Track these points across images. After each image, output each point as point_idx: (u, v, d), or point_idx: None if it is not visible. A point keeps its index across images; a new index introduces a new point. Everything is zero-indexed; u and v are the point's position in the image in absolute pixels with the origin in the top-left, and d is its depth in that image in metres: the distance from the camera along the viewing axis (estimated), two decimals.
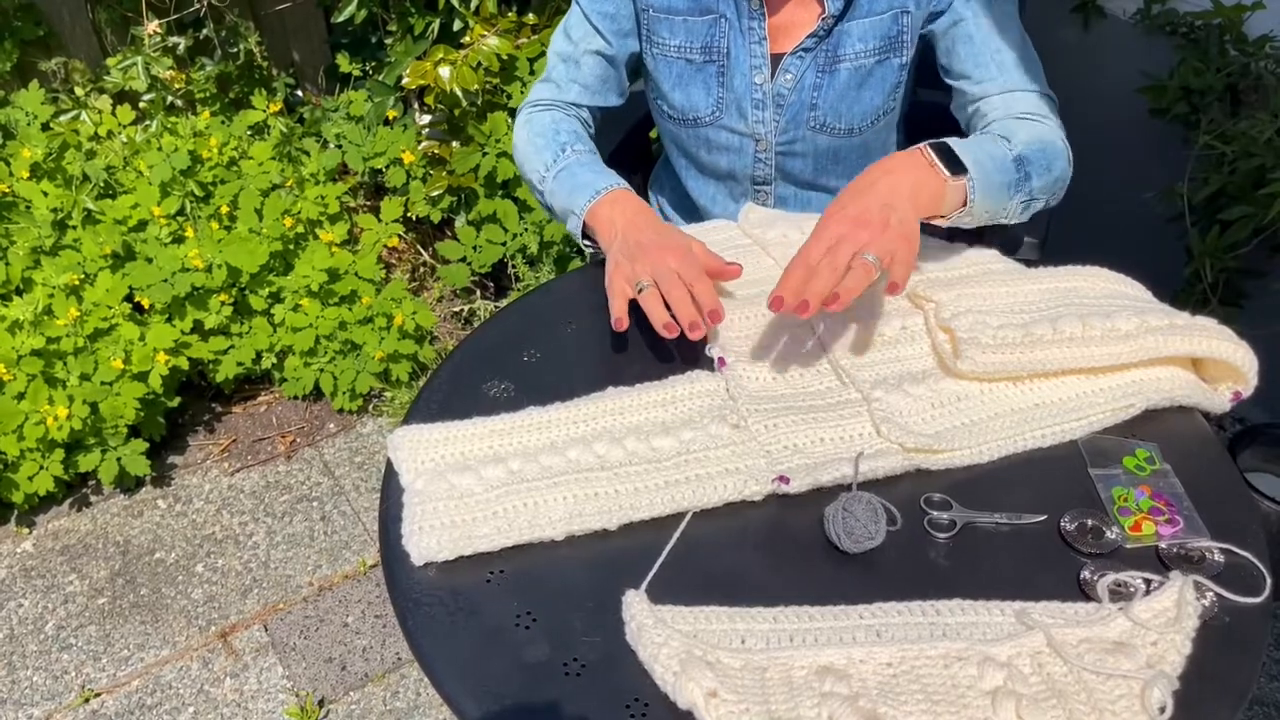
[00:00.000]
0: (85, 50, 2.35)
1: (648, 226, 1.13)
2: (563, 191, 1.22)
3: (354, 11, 2.29)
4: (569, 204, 1.20)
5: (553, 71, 1.33)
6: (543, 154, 1.27)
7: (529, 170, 1.29)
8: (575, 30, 1.30)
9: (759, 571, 0.86)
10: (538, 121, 1.31)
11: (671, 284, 1.05)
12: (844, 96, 1.25)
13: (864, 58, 1.23)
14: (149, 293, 1.99)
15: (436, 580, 0.85)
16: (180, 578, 1.91)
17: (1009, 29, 1.20)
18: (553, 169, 1.24)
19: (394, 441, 0.94)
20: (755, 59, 1.24)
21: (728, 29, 1.24)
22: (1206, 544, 0.87)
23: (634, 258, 1.08)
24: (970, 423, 0.97)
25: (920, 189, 1.01)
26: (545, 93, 1.34)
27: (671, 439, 0.95)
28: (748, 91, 1.26)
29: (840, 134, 1.28)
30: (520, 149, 1.32)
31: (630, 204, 1.17)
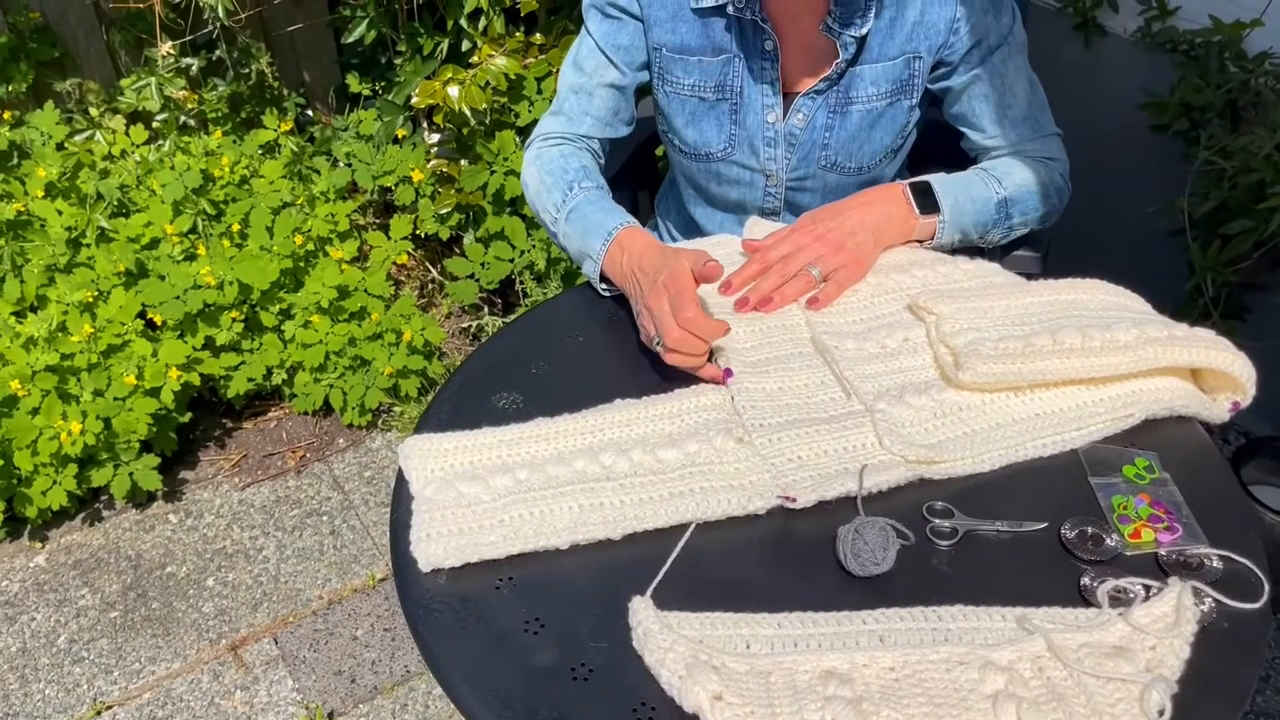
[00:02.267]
0: (100, 71, 2.38)
1: (643, 270, 1.11)
2: (575, 234, 1.21)
3: (364, 32, 2.33)
4: (584, 247, 1.20)
5: (564, 104, 1.32)
6: (552, 194, 1.26)
7: (541, 212, 1.29)
8: (587, 62, 1.30)
9: (764, 579, 0.87)
10: (547, 159, 1.30)
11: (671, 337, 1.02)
12: (855, 137, 1.27)
13: (876, 100, 1.25)
14: (161, 309, 2.02)
15: (446, 587, 0.87)
16: (191, 591, 1.92)
17: (1019, 83, 1.26)
18: (563, 210, 1.24)
19: (404, 450, 0.96)
20: (768, 98, 1.26)
21: (741, 68, 1.25)
22: (1205, 551, 0.88)
23: (640, 314, 1.10)
24: (972, 433, 0.99)
25: (888, 223, 1.18)
26: (556, 126, 1.33)
27: (677, 451, 0.97)
28: (760, 130, 1.28)
29: (850, 172, 1.31)
30: (532, 189, 1.31)
31: (633, 246, 1.15)
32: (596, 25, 1.28)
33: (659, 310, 1.04)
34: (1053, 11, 2.15)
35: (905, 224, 1.18)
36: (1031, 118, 1.28)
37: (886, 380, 1.04)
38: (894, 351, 1.07)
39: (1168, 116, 1.97)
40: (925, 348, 1.08)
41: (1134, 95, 2.05)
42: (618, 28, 1.27)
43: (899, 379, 1.04)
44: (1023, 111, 1.27)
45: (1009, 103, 1.26)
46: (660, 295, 1.04)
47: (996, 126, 1.27)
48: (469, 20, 2.23)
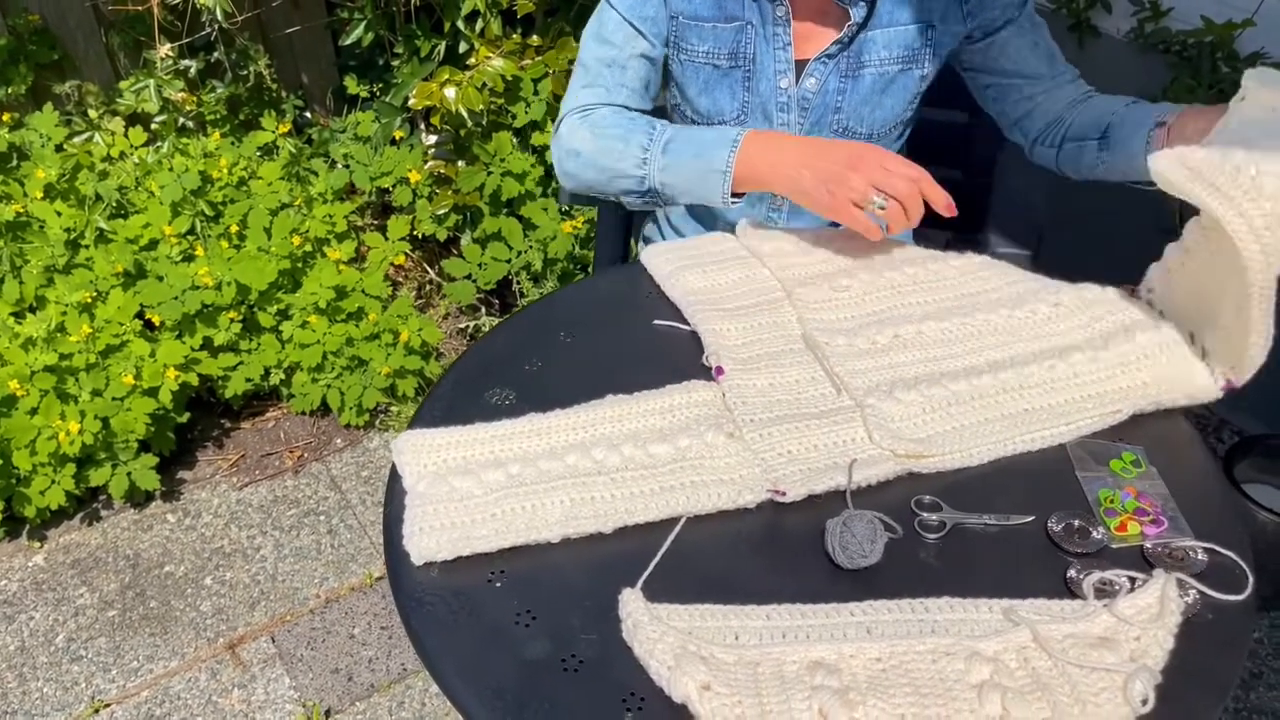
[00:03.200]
0: (99, 73, 2.40)
1: (824, 148, 1.13)
2: (683, 160, 1.20)
3: (361, 34, 2.34)
4: (700, 167, 1.18)
5: (597, 78, 1.32)
6: (631, 138, 1.24)
7: (614, 160, 1.25)
8: (615, 35, 1.30)
9: (753, 572, 0.88)
10: (598, 118, 1.28)
11: (907, 195, 1.08)
12: (867, 101, 1.30)
13: (887, 65, 1.28)
14: (160, 310, 2.03)
15: (439, 581, 0.87)
16: (189, 590, 1.93)
17: (1043, 26, 1.34)
18: (654, 145, 1.22)
19: (398, 445, 0.97)
20: (780, 64, 1.28)
21: (754, 35, 1.27)
22: (1190, 543, 0.89)
23: (845, 179, 1.09)
24: (961, 427, 1.00)
25: None
26: (592, 97, 1.31)
27: (668, 446, 0.97)
28: (773, 95, 1.30)
29: (861, 138, 1.33)
30: (589, 147, 1.27)
31: (779, 138, 1.18)
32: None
33: (894, 164, 1.08)
34: (1047, 13, 2.16)
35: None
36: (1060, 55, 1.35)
37: (876, 376, 1.05)
38: (884, 347, 1.08)
39: None
40: (915, 344, 1.09)
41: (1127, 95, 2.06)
42: (642, 1, 1.28)
43: (889, 374, 1.05)
44: (1057, 51, 1.34)
45: (1051, 45, 1.34)
46: (893, 157, 1.10)
47: (1054, 67, 1.33)
48: (466, 22, 2.24)
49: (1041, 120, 1.35)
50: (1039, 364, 1.05)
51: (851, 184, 1.09)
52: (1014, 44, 1.31)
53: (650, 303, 1.20)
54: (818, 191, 1.12)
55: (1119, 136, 1.23)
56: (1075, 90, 1.34)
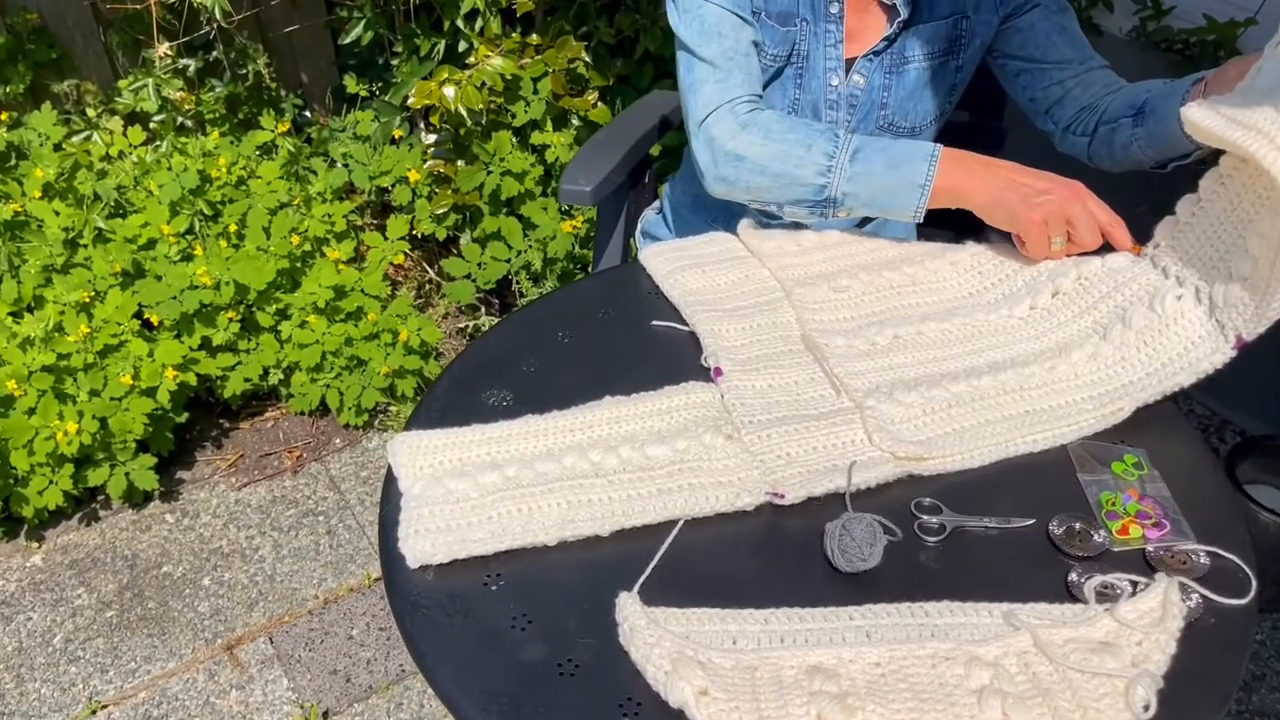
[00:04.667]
0: (97, 72, 2.39)
1: (1030, 172, 1.13)
2: (875, 170, 1.15)
3: (361, 33, 2.33)
4: (896, 179, 1.14)
5: (732, 66, 1.24)
6: (814, 143, 1.17)
7: (794, 165, 1.17)
8: (723, 26, 1.23)
9: (751, 575, 0.87)
10: (765, 120, 1.20)
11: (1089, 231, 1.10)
12: (911, 96, 1.33)
13: (929, 59, 1.31)
14: (158, 310, 2.02)
15: (435, 583, 0.87)
16: (187, 591, 1.93)
17: (1069, 9, 1.34)
18: (842, 154, 1.16)
19: (393, 447, 0.96)
20: (831, 62, 1.30)
21: (807, 32, 1.28)
22: (1192, 547, 0.88)
23: (1051, 194, 1.10)
24: (961, 429, 0.99)
25: None
26: (736, 90, 1.23)
27: (666, 448, 0.97)
28: (822, 93, 1.32)
29: (904, 132, 1.35)
30: (760, 151, 1.19)
31: (976, 157, 1.16)
32: None
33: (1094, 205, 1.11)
34: None
35: None
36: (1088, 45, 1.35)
37: (876, 377, 1.04)
38: (884, 349, 1.08)
39: None
40: (915, 345, 1.08)
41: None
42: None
43: (889, 376, 1.04)
44: (1086, 40, 1.34)
45: (1078, 32, 1.33)
46: (1087, 196, 1.12)
47: (1081, 51, 1.33)
48: (466, 21, 2.24)
49: (1073, 107, 1.33)
50: (1040, 364, 1.04)
51: (1051, 201, 1.10)
52: (1041, 27, 1.31)
53: (649, 303, 1.19)
54: (1020, 205, 1.11)
55: (1155, 106, 1.20)
56: (1106, 77, 1.32)
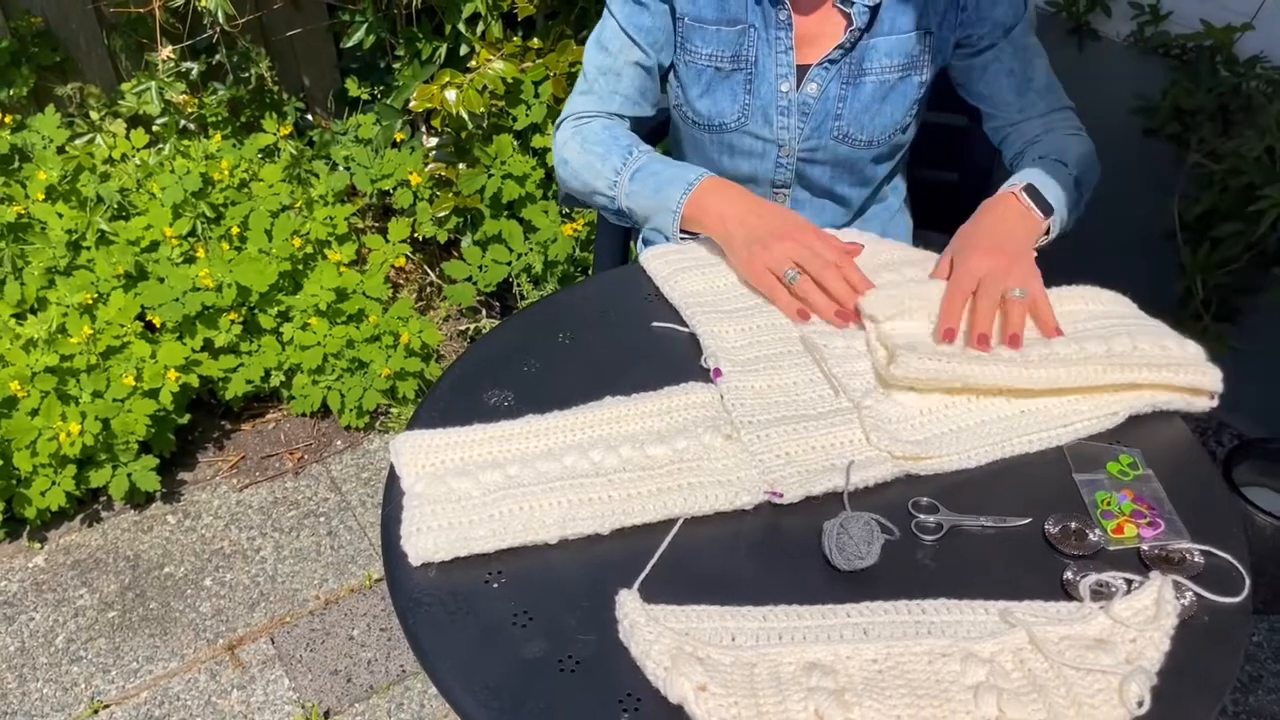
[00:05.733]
0: (101, 75, 2.40)
1: (764, 209, 1.18)
2: (645, 191, 1.24)
3: (363, 37, 2.34)
4: (657, 201, 1.23)
5: (594, 84, 1.35)
6: (608, 159, 1.28)
7: (592, 177, 1.30)
8: (612, 43, 1.33)
9: (750, 573, 0.88)
10: (589, 131, 1.32)
11: (823, 267, 1.11)
12: (867, 109, 1.31)
13: (888, 72, 1.29)
14: (160, 312, 2.03)
15: (436, 581, 0.88)
16: (189, 591, 1.93)
17: (1036, 56, 1.32)
18: (625, 170, 1.26)
19: (396, 446, 0.97)
20: (781, 68, 1.29)
21: (756, 38, 1.28)
22: (1187, 546, 0.89)
23: (768, 245, 1.13)
24: (958, 429, 1.00)
25: (1029, 231, 1.16)
26: (587, 105, 1.35)
27: (665, 447, 0.97)
28: (773, 99, 1.31)
29: (860, 145, 1.33)
30: (575, 159, 1.32)
31: (730, 190, 1.21)
32: (619, 8, 1.31)
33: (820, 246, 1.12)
34: (1046, 16, 2.16)
35: (1035, 230, 1.17)
36: (1052, 87, 1.34)
37: (873, 377, 1.05)
38: None
39: (1159, 120, 1.99)
40: None
41: (1126, 99, 2.06)
42: (640, 10, 1.30)
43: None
44: (1044, 82, 1.33)
45: (1030, 75, 1.32)
46: (823, 238, 1.14)
47: (1022, 99, 1.32)
48: (467, 25, 2.25)
49: (1009, 151, 1.36)
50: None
51: (771, 251, 1.13)
52: (992, 68, 1.31)
53: (649, 304, 1.20)
54: (742, 250, 1.16)
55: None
56: (1041, 126, 1.32)
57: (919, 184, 1.55)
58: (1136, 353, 1.02)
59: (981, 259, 1.09)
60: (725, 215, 1.18)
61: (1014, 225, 1.16)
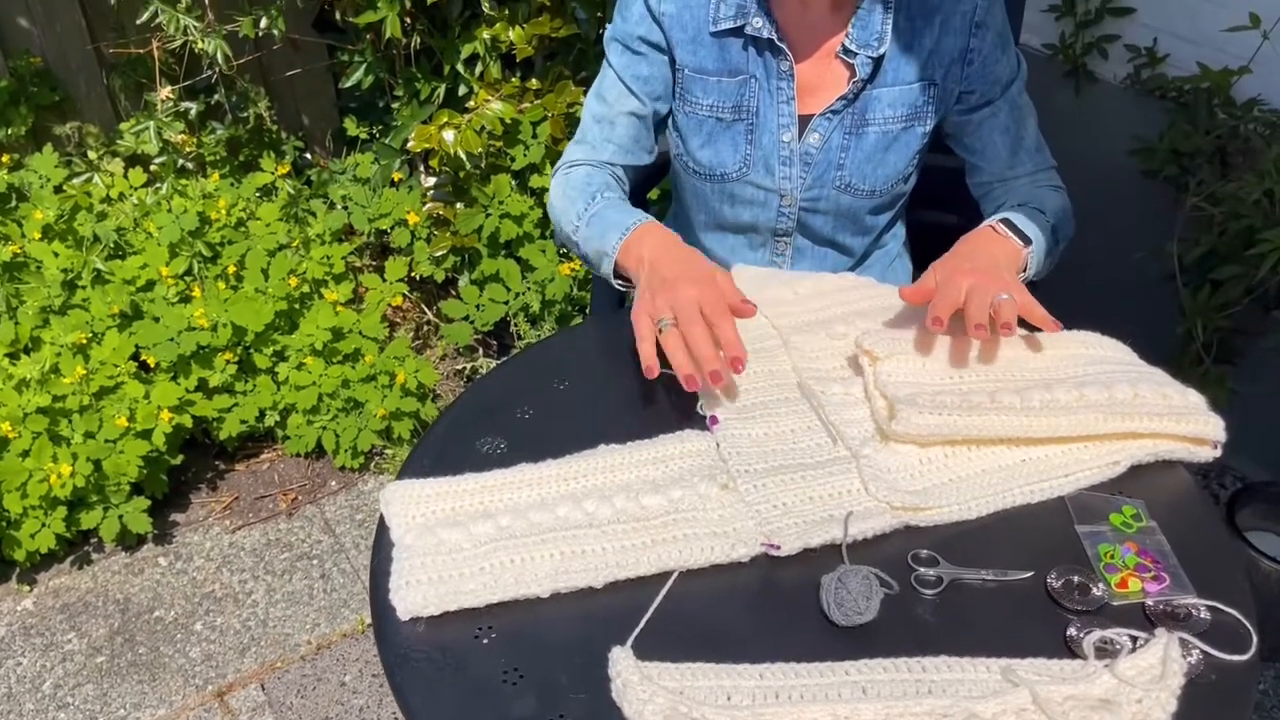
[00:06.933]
0: (99, 115, 2.41)
1: (672, 256, 1.13)
2: (595, 236, 1.24)
3: (362, 77, 2.35)
4: (601, 246, 1.22)
5: (587, 133, 1.36)
6: (575, 204, 1.29)
7: (564, 222, 1.31)
8: (609, 92, 1.33)
9: (747, 628, 0.86)
10: (572, 179, 1.33)
11: (690, 320, 1.02)
12: (870, 159, 1.30)
13: (892, 123, 1.28)
14: (155, 351, 2.02)
15: (425, 635, 0.86)
16: (179, 636, 1.91)
17: (1029, 115, 1.33)
18: (584, 216, 1.26)
19: (386, 496, 0.95)
20: (783, 118, 1.28)
21: (757, 89, 1.27)
22: (1193, 601, 0.87)
23: (656, 291, 1.07)
24: (957, 479, 0.98)
25: (1009, 257, 1.17)
26: (579, 154, 1.36)
27: (660, 497, 0.96)
28: (775, 149, 1.30)
29: (863, 195, 1.32)
30: (555, 204, 1.34)
31: (657, 235, 1.18)
32: (617, 57, 1.31)
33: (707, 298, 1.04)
34: (1044, 58, 2.17)
35: (1016, 258, 1.18)
36: (1041, 147, 1.34)
37: (872, 426, 1.03)
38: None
39: (1157, 162, 1.99)
40: None
41: (1124, 141, 2.07)
42: (638, 60, 1.30)
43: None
44: (1034, 141, 1.33)
45: (1023, 134, 1.32)
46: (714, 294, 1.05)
47: (1013, 157, 1.32)
48: (466, 66, 2.25)
49: (991, 206, 1.35)
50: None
51: (658, 297, 1.06)
52: (988, 125, 1.31)
53: None
54: (642, 292, 1.10)
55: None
56: (1027, 184, 1.32)
57: (918, 227, 1.54)
58: (1137, 400, 1.01)
59: (965, 277, 1.07)
60: (644, 258, 1.15)
61: (994, 251, 1.16)
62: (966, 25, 1.24)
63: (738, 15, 1.23)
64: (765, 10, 1.22)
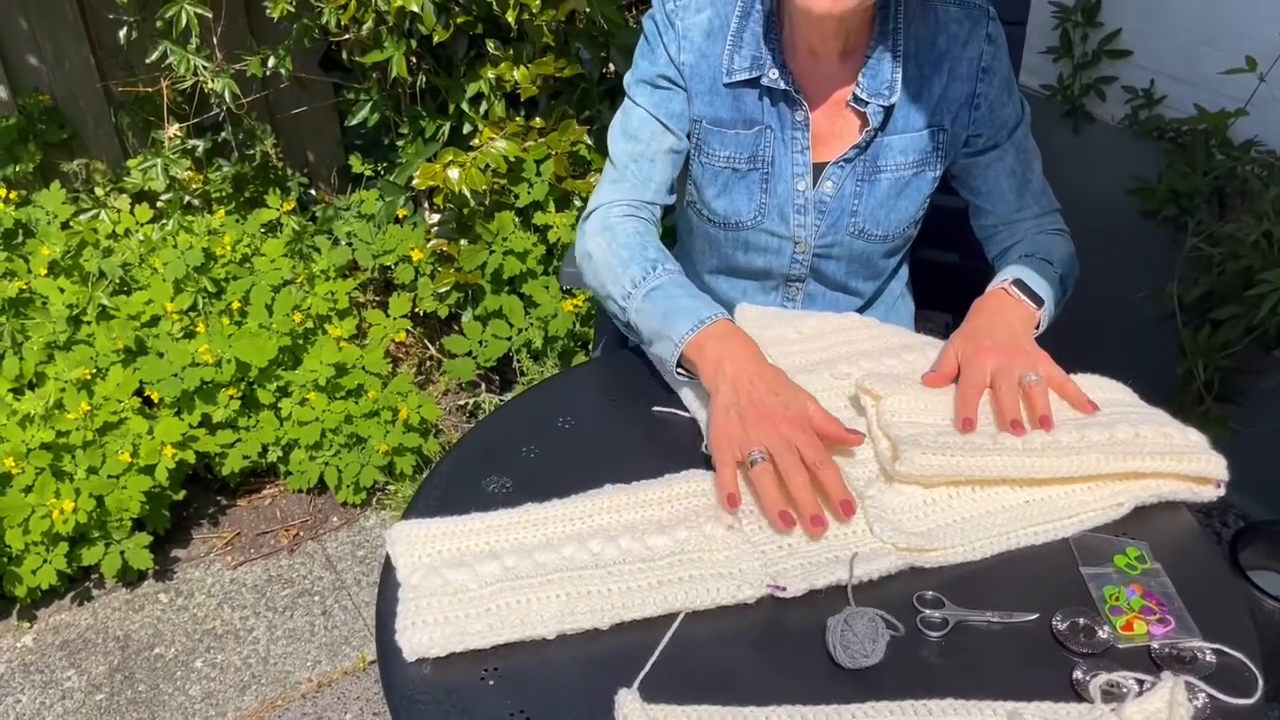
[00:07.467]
0: (107, 152, 2.43)
1: (761, 379, 1.06)
2: (655, 312, 1.17)
3: (367, 115, 2.37)
4: (663, 328, 1.15)
5: (625, 172, 1.31)
6: (629, 268, 1.22)
7: (610, 282, 1.24)
8: (641, 131, 1.30)
9: (752, 670, 0.86)
10: (620, 232, 1.27)
11: (792, 466, 0.98)
12: (883, 205, 1.30)
13: (904, 169, 1.29)
14: (159, 387, 2.03)
15: (431, 677, 0.86)
16: (179, 673, 1.90)
17: (1035, 156, 1.34)
18: (641, 286, 1.20)
19: (392, 536, 0.96)
20: (798, 167, 1.28)
21: (772, 139, 1.27)
22: (1198, 644, 0.87)
23: (746, 419, 1.02)
24: (962, 520, 0.98)
25: (1025, 322, 1.18)
26: (619, 194, 1.31)
27: (666, 538, 0.96)
28: (790, 198, 1.30)
29: (876, 240, 1.33)
30: (599, 257, 1.26)
31: (739, 344, 1.11)
32: (647, 97, 1.29)
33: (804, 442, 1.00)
34: (1042, 99, 2.19)
35: (1031, 322, 1.19)
36: (1046, 191, 1.36)
37: (876, 466, 1.04)
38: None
39: (1156, 202, 2.00)
40: None
41: (1123, 181, 2.09)
42: (668, 97, 1.29)
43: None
44: (1039, 186, 1.35)
45: (1029, 177, 1.34)
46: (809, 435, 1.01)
47: (1019, 199, 1.34)
48: (470, 104, 2.28)
49: (995, 249, 1.37)
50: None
51: (749, 429, 1.01)
52: (994, 167, 1.32)
53: (650, 388, 1.19)
54: (721, 411, 1.04)
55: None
56: (1033, 228, 1.33)
57: (919, 265, 1.56)
58: (1139, 440, 1.01)
59: (988, 356, 1.09)
60: (723, 365, 1.09)
61: (1010, 319, 1.17)
62: (974, 71, 1.25)
63: (753, 67, 1.23)
64: (780, 62, 1.23)
